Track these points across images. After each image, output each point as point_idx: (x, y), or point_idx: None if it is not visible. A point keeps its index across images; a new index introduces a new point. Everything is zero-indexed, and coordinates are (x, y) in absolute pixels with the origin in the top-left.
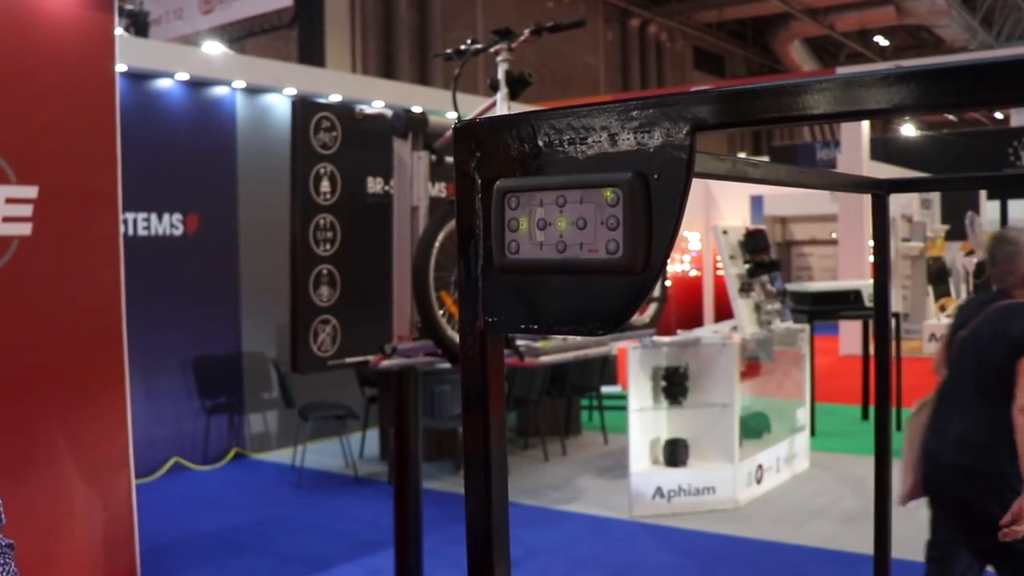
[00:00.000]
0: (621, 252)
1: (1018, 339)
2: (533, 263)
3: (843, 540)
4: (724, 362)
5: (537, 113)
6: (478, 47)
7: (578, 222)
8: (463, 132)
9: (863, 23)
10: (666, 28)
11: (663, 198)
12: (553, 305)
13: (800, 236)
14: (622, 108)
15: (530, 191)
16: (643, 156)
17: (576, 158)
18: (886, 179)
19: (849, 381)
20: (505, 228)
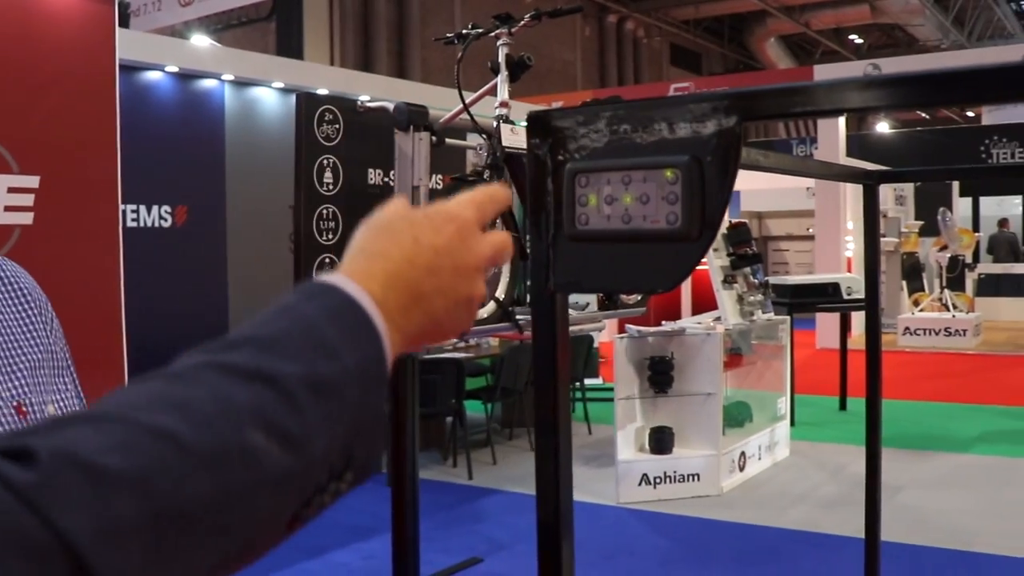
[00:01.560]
0: (680, 223)
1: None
2: (602, 232)
3: (824, 524)
4: (708, 352)
5: (605, 106)
6: (479, 31)
7: (642, 197)
8: (536, 121)
9: (838, 21)
10: (643, 24)
11: (715, 177)
12: (619, 269)
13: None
14: (680, 102)
15: (599, 171)
16: (698, 142)
17: (639, 143)
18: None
19: (826, 373)
20: (576, 203)
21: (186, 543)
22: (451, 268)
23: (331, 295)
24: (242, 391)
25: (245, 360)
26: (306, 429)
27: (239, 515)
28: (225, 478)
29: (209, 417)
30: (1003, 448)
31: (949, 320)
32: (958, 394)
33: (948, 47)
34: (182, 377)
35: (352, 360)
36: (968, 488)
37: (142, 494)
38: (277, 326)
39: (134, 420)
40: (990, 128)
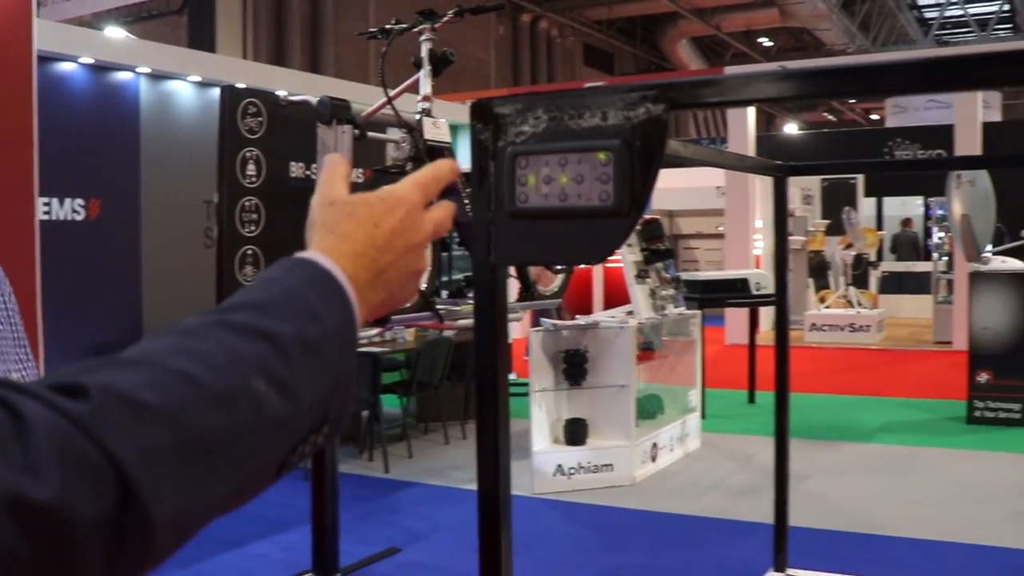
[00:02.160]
0: (611, 200)
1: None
2: (540, 210)
3: (735, 511)
4: (621, 345)
5: (544, 95)
6: (403, 26)
7: (577, 178)
8: (479, 108)
9: (748, 24)
10: (557, 24)
11: (643, 160)
12: (555, 243)
13: (687, 230)
14: (612, 91)
15: (538, 154)
16: (628, 128)
17: (575, 129)
18: (785, 164)
19: (736, 368)
20: (516, 183)
21: (205, 471)
22: (403, 247)
23: (310, 268)
24: (246, 345)
25: (246, 320)
26: (298, 380)
27: (246, 452)
28: (236, 417)
29: (221, 365)
30: (904, 437)
31: (854, 316)
32: (862, 387)
33: (854, 51)
34: (195, 332)
35: (332, 323)
36: (871, 475)
37: (173, 425)
38: (269, 293)
39: (161, 364)
40: (893, 130)
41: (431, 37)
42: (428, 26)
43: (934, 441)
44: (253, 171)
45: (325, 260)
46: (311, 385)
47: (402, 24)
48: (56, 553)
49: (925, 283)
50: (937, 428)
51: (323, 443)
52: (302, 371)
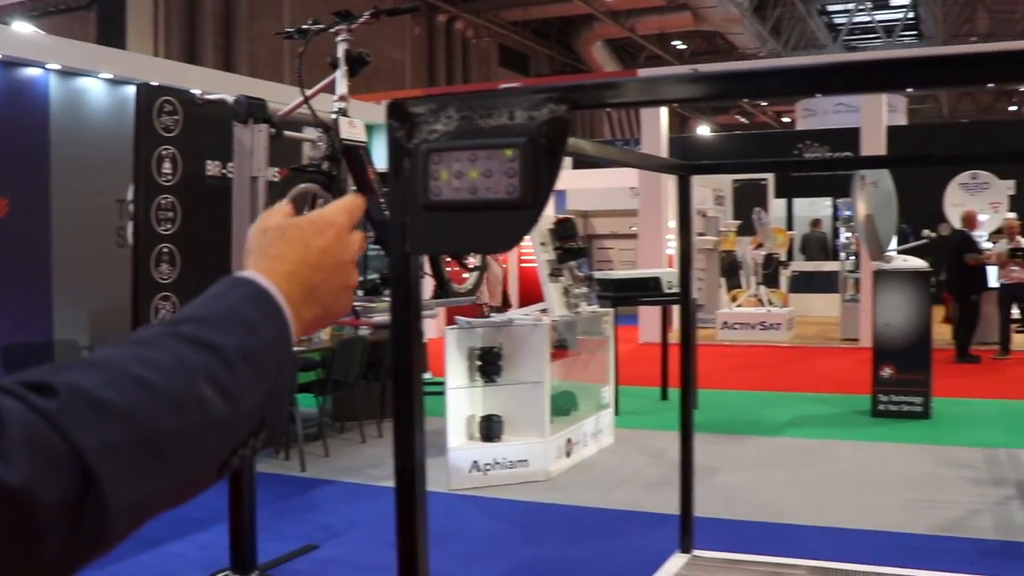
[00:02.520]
0: (518, 193)
1: None
2: (451, 202)
3: (648, 503)
4: (535, 342)
5: (456, 96)
6: (320, 27)
7: (486, 172)
8: (395, 108)
9: (662, 27)
10: (472, 25)
11: (547, 155)
12: (466, 233)
13: (601, 230)
14: (518, 93)
15: (450, 151)
16: (533, 127)
17: (484, 128)
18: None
19: (649, 366)
20: (429, 178)
21: (157, 466)
22: (334, 264)
23: (249, 286)
24: (194, 355)
25: (194, 332)
26: (239, 387)
27: (193, 450)
28: (185, 418)
29: (173, 371)
30: (811, 431)
31: (764, 315)
32: (772, 383)
33: (766, 55)
34: (149, 342)
35: (269, 337)
36: (779, 467)
37: (130, 423)
38: (212, 308)
39: (121, 369)
40: (803, 133)
41: (347, 38)
42: (344, 27)
43: (840, 434)
44: (169, 169)
45: (262, 279)
46: (251, 392)
47: (319, 25)
48: (20, 531)
49: (833, 282)
50: (843, 422)
51: (260, 447)
52: (243, 379)
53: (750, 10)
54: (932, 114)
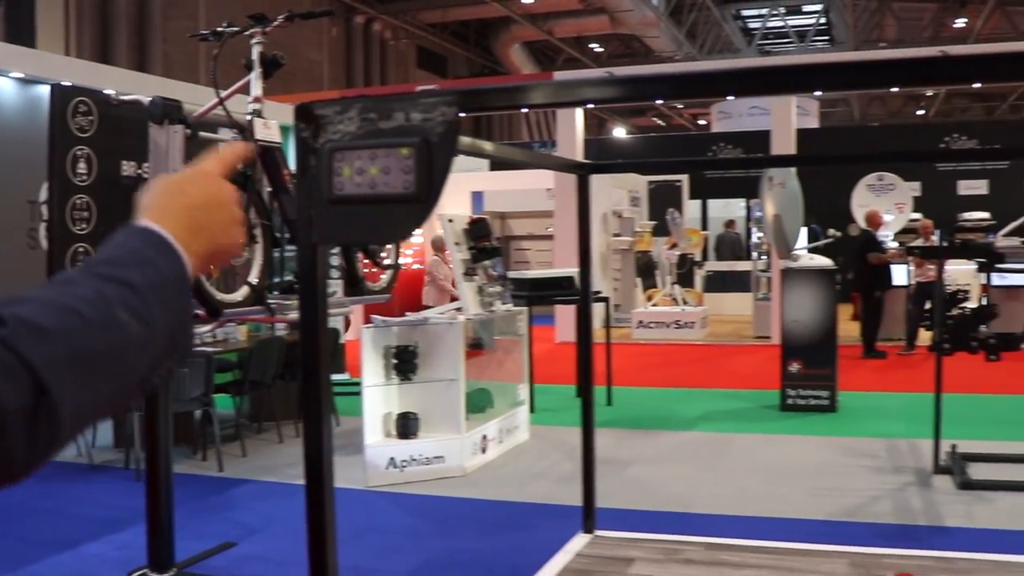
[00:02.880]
0: (413, 188)
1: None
2: (354, 196)
3: (561, 496)
4: (451, 340)
5: (358, 99)
6: (235, 29)
7: (384, 169)
8: (302, 110)
9: (580, 30)
10: (390, 26)
11: (440, 154)
12: (367, 225)
13: (518, 231)
14: (414, 97)
15: (352, 149)
16: (427, 128)
17: (383, 128)
18: (588, 162)
19: (564, 365)
20: (333, 174)
21: (93, 377)
22: (215, 204)
23: (144, 232)
24: (109, 288)
25: (107, 271)
26: (150, 313)
27: (119, 364)
28: (109, 338)
29: (94, 302)
30: (722, 425)
31: (679, 314)
32: (685, 380)
33: (681, 59)
34: (71, 281)
35: (168, 271)
36: (689, 460)
37: (66, 343)
38: (118, 252)
39: (52, 301)
40: (718, 135)
41: (262, 40)
42: (259, 30)
43: (749, 428)
44: (84, 169)
45: (153, 226)
46: (160, 317)
47: (233, 27)
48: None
49: (746, 281)
50: (753, 416)
51: (174, 368)
52: (152, 306)
53: (666, 14)
54: (844, 118)
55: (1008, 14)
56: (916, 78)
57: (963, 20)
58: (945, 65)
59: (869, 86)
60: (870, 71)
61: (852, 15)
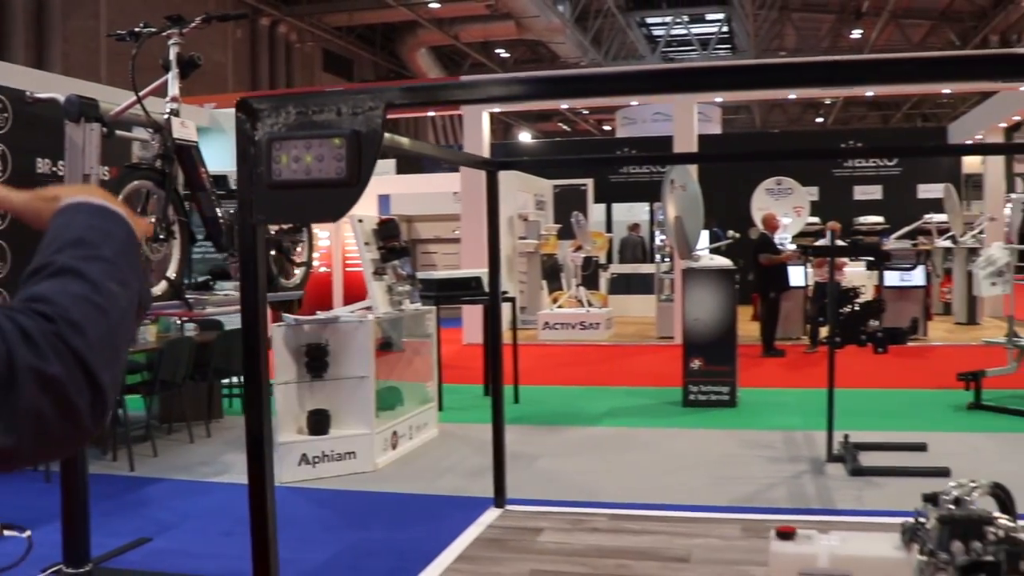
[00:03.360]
0: (344, 174)
1: None
2: (290, 182)
3: (471, 489)
4: (361, 338)
5: (294, 95)
6: (152, 30)
7: (318, 157)
8: (243, 104)
9: (486, 35)
10: (296, 29)
11: (368, 144)
12: (302, 206)
13: (425, 234)
14: (345, 93)
15: (288, 139)
16: (357, 121)
17: (317, 121)
18: (496, 159)
19: (472, 366)
20: (272, 162)
21: (114, 351)
22: None
23: (88, 206)
24: (96, 268)
25: (87, 253)
26: (125, 277)
27: (124, 331)
28: (114, 312)
29: (92, 284)
30: (626, 420)
31: (584, 315)
32: (591, 379)
33: (587, 65)
34: (70, 270)
35: (121, 234)
36: (595, 453)
37: (92, 329)
38: (83, 232)
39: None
40: (622, 140)
41: (179, 41)
42: (176, 31)
43: (653, 422)
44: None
45: (91, 198)
46: (132, 277)
47: (150, 28)
48: (66, 408)
49: (650, 283)
50: (656, 411)
51: (143, 318)
52: (125, 270)
53: (572, 20)
54: (746, 124)
55: (901, 26)
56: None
57: (859, 31)
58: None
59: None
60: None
61: (753, 24)
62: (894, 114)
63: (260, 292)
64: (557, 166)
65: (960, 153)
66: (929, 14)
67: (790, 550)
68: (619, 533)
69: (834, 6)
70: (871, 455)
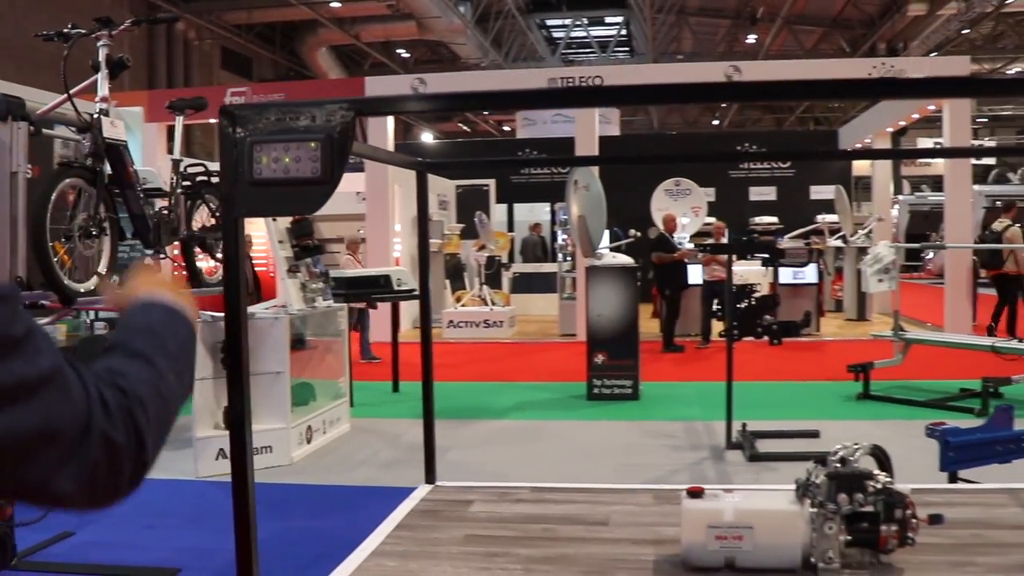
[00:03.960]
0: (319, 173)
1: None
2: (270, 180)
3: (386, 479)
4: (276, 334)
5: (273, 104)
6: (82, 32)
7: (296, 159)
8: (226, 111)
9: (387, 35)
10: (194, 26)
11: (339, 147)
12: (281, 202)
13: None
14: (320, 103)
15: (269, 143)
16: (330, 127)
17: (295, 126)
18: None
19: (380, 363)
20: (253, 162)
21: (162, 429)
22: None
23: (161, 305)
24: (161, 359)
25: (154, 344)
26: (182, 371)
27: (171, 413)
28: (170, 399)
29: (158, 373)
30: (534, 413)
31: (488, 313)
32: (497, 375)
33: (487, 66)
34: (141, 355)
35: (185, 332)
36: (505, 444)
37: (152, 409)
38: (154, 323)
39: (142, 380)
40: (523, 141)
41: (108, 43)
42: (106, 32)
43: (559, 415)
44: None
45: (164, 298)
46: (187, 372)
47: (78, 30)
48: (116, 468)
49: (552, 282)
50: (562, 405)
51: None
52: (182, 367)
53: (473, 22)
54: (644, 126)
55: (795, 32)
56: None
57: (754, 36)
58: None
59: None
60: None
61: (651, 28)
62: (787, 117)
63: (242, 281)
64: (485, 168)
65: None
66: (821, 21)
67: (699, 506)
68: (542, 503)
69: (730, 11)
70: (767, 442)
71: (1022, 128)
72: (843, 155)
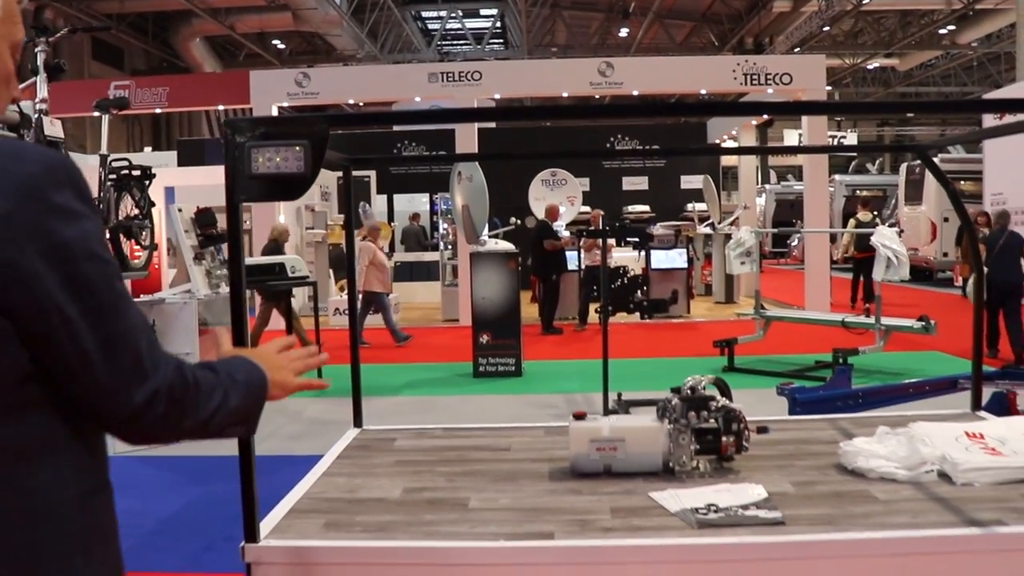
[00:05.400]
0: (304, 169)
1: None
2: (265, 175)
3: (295, 449)
4: (186, 318)
5: (267, 118)
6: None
7: (285, 158)
8: (231, 122)
9: (263, 26)
10: (63, 15)
11: (318, 149)
12: (274, 189)
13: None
14: (303, 119)
15: (263, 147)
16: (312, 133)
17: (285, 134)
18: (352, 156)
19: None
20: (251, 161)
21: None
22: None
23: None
24: (227, 396)
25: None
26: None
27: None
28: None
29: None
30: (424, 390)
31: None
32: (385, 358)
33: (363, 58)
34: (220, 387)
35: (256, 380)
36: (401, 418)
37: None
38: (236, 372)
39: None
40: (402, 134)
41: (46, 49)
42: (43, 39)
43: (448, 391)
44: None
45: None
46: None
47: None
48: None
49: (433, 270)
50: (450, 383)
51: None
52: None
53: (348, 13)
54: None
55: (666, 26)
56: None
57: (626, 30)
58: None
59: None
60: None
61: (526, 21)
62: None
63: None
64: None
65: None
66: (691, 16)
67: (583, 425)
68: (454, 438)
69: (603, 5)
70: (641, 409)
71: (883, 120)
72: (707, 151)
